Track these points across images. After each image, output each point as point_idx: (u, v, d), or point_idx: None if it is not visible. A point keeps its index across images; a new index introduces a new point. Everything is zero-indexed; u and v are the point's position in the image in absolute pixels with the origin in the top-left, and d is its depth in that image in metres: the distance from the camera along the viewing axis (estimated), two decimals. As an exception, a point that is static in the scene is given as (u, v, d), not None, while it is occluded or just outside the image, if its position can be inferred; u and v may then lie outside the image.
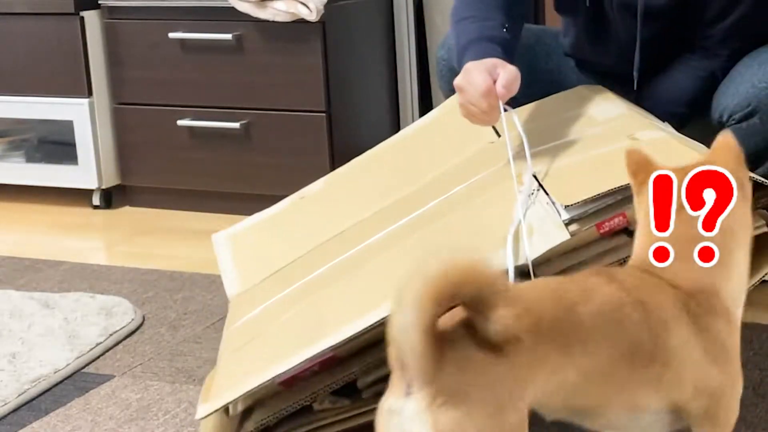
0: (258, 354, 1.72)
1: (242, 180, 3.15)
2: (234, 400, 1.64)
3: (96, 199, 3.32)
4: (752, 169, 2.08)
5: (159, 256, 2.83)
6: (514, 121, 1.84)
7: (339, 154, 3.05)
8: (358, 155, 3.25)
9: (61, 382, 2.12)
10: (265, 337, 1.76)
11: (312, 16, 2.92)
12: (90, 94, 3.26)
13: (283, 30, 3.00)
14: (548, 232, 1.59)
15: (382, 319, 1.57)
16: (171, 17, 3.13)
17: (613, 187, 1.55)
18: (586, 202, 1.58)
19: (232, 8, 3.00)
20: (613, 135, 1.81)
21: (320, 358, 1.64)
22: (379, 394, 1.60)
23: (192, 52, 3.13)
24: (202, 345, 2.25)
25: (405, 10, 3.26)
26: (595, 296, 1.32)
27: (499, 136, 1.89)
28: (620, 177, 1.55)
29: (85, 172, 3.29)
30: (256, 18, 2.99)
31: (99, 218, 3.27)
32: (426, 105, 3.37)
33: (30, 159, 3.43)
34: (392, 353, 1.21)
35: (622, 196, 1.57)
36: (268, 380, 1.61)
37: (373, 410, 1.49)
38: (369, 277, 1.76)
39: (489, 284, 1.20)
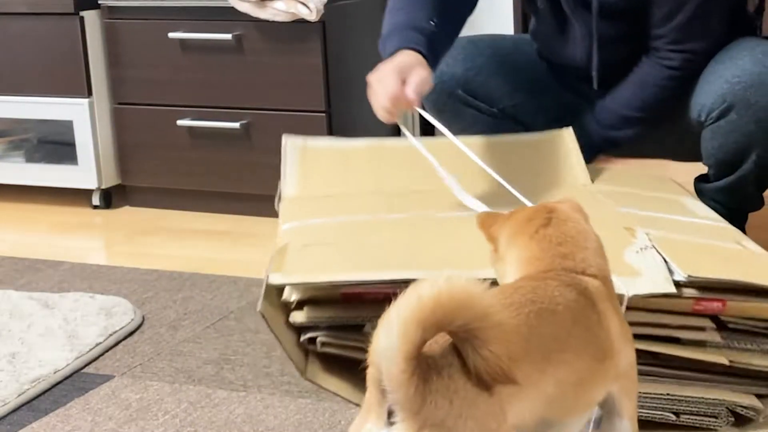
0: (338, 255, 1.73)
1: (242, 180, 3.14)
2: (311, 284, 1.65)
3: (96, 199, 3.32)
4: (736, 169, 2.09)
5: (159, 256, 2.83)
6: (416, 144, 1.95)
7: (339, 154, 3.06)
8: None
9: (60, 382, 2.11)
10: (347, 246, 1.77)
11: (312, 16, 2.92)
12: (90, 94, 3.26)
13: (283, 30, 3.00)
14: (656, 279, 1.64)
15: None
16: (171, 17, 3.13)
17: (736, 279, 1.63)
18: (709, 281, 1.63)
19: (232, 8, 3.00)
20: (720, 234, 1.89)
21: (391, 288, 1.64)
22: None
23: (192, 52, 3.13)
24: (202, 345, 2.25)
25: (405, 9, 3.26)
26: (563, 303, 1.31)
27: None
28: (739, 274, 1.64)
29: (84, 172, 3.29)
30: (256, 18, 2.99)
31: (99, 218, 3.27)
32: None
33: (30, 159, 3.43)
34: (371, 374, 1.17)
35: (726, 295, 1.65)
36: (348, 282, 1.62)
37: None
38: (467, 240, 1.76)
39: (482, 317, 1.14)
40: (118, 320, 2.37)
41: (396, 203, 1.96)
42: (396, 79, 1.89)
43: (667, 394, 1.66)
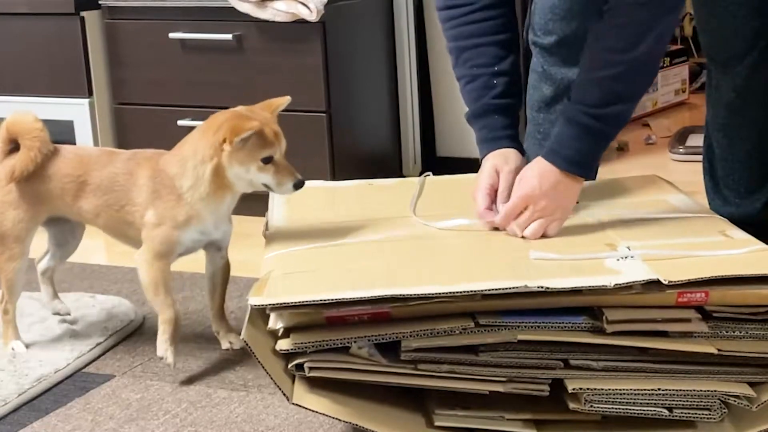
0: (320, 278, 1.76)
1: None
2: (288, 305, 1.67)
3: (96, 199, 3.32)
4: None
5: (159, 256, 2.83)
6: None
7: (339, 154, 3.06)
8: (358, 155, 3.25)
9: (61, 381, 2.12)
10: (329, 271, 1.80)
11: (312, 16, 2.92)
12: (90, 94, 3.26)
13: (283, 30, 3.00)
14: (636, 272, 1.67)
15: (460, 292, 1.64)
16: (171, 17, 3.14)
17: (716, 275, 1.65)
18: (682, 282, 1.65)
19: (232, 8, 3.01)
20: (704, 227, 1.90)
21: (377, 308, 1.67)
22: (417, 362, 1.65)
23: (192, 52, 3.14)
24: (202, 345, 2.25)
25: (405, 10, 3.26)
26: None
27: None
28: (719, 267, 1.67)
29: (85, 172, 3.29)
30: (256, 18, 2.99)
31: (99, 218, 3.27)
32: (426, 105, 3.37)
33: (30, 159, 3.43)
34: None
35: (708, 287, 1.66)
36: (329, 300, 1.64)
37: (405, 375, 1.68)
38: (450, 258, 1.82)
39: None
40: (119, 320, 2.38)
41: (381, 226, 1.98)
42: (486, 199, 1.97)
43: (658, 389, 1.67)
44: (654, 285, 1.65)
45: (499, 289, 1.63)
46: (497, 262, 1.79)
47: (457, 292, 1.63)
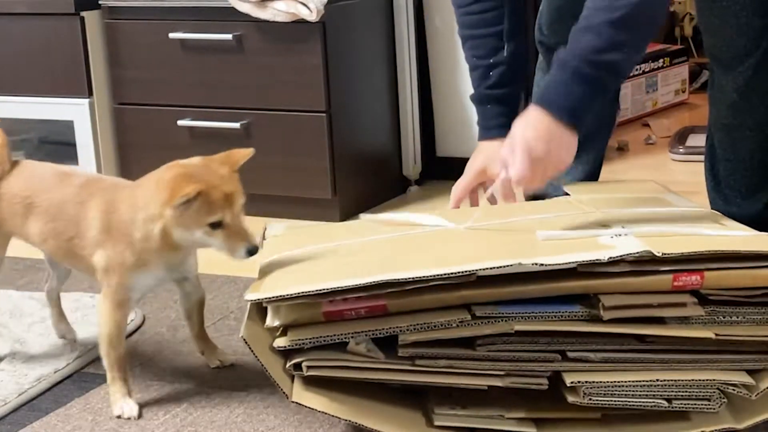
0: (316, 272, 1.76)
1: (242, 180, 3.14)
2: (284, 297, 1.67)
3: (96, 199, 3.32)
4: None
5: (159, 256, 2.83)
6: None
7: (339, 154, 3.06)
8: (358, 155, 3.25)
9: (61, 381, 2.12)
10: (325, 265, 1.80)
11: (312, 16, 2.92)
12: (90, 94, 3.26)
13: (283, 30, 3.00)
14: (629, 246, 1.67)
15: (456, 273, 1.64)
16: (171, 17, 3.14)
17: (711, 249, 1.65)
18: (683, 255, 1.65)
19: (232, 8, 3.01)
20: (700, 217, 1.91)
21: (372, 302, 1.67)
22: (415, 358, 1.65)
23: (192, 52, 3.14)
24: (202, 345, 2.26)
25: (405, 10, 3.26)
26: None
27: None
28: (714, 244, 1.67)
29: (85, 172, 3.29)
30: (256, 18, 2.99)
31: (99, 218, 3.27)
32: (426, 105, 3.37)
33: (31, 159, 3.42)
34: None
35: (704, 265, 1.66)
36: (325, 290, 1.65)
37: (403, 371, 1.68)
38: (444, 248, 1.83)
39: None
40: (119, 320, 2.38)
41: (380, 230, 1.99)
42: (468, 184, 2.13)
43: (657, 380, 1.67)
44: (649, 264, 1.65)
45: (494, 267, 1.63)
46: (496, 246, 1.79)
47: (452, 273, 1.63)
